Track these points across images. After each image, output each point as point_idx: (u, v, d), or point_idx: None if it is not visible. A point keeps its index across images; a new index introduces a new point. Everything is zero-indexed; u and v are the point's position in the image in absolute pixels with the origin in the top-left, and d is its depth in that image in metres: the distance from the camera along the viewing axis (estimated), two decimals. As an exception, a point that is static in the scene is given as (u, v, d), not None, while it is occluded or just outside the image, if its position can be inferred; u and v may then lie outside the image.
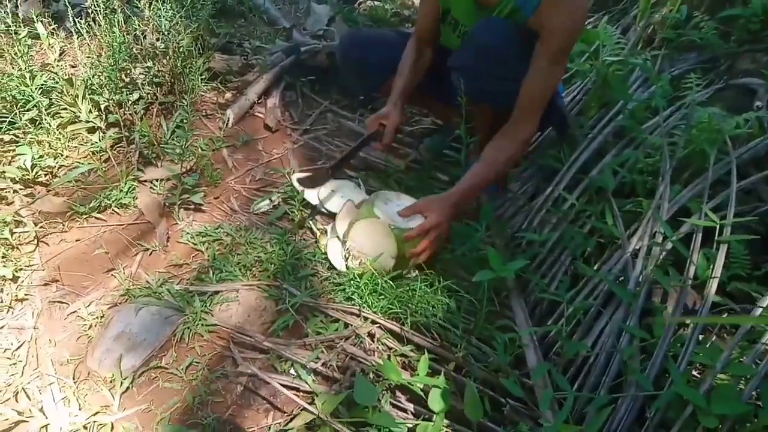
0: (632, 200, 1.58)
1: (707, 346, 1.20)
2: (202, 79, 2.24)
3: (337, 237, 1.58)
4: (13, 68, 1.90)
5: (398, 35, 1.96)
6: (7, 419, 1.17)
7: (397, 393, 1.25)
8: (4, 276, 1.44)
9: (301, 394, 1.23)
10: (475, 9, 1.57)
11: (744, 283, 1.40)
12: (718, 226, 1.32)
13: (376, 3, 3.52)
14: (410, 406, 1.21)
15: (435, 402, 1.15)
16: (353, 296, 1.44)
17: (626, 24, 2.46)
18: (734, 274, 1.42)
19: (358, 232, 1.49)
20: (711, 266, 1.28)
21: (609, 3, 2.69)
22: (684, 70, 2.10)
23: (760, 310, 1.16)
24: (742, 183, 1.46)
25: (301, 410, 1.19)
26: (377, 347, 1.34)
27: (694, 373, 1.23)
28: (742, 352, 1.15)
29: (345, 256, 1.51)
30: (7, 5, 1.84)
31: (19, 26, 1.90)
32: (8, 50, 1.93)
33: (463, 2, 1.59)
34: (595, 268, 1.46)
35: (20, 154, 1.74)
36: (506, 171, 1.69)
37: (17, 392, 1.23)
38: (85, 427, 1.17)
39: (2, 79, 1.85)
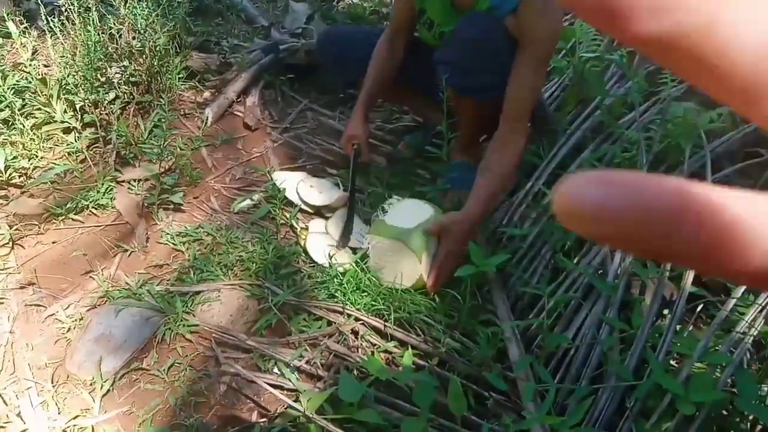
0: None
1: (684, 335, 1.23)
2: (179, 78, 2.21)
3: (325, 232, 1.58)
4: (-16, 68, 1.86)
5: (376, 31, 1.95)
6: (-17, 425, 1.15)
7: (382, 389, 1.25)
8: (-22, 280, 1.41)
9: (286, 392, 1.23)
10: (451, 10, 1.58)
11: (719, 273, 1.42)
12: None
13: (354, 1, 3.51)
14: (395, 402, 1.21)
15: (419, 397, 1.15)
16: (336, 294, 1.44)
17: (602, 21, 2.48)
18: (710, 265, 1.44)
19: (376, 254, 1.48)
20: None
21: (585, 0, 2.72)
22: (659, 66, 2.13)
23: (734, 300, 1.19)
24: (716, 176, 1.49)
25: (285, 408, 1.19)
26: (361, 344, 1.34)
27: (672, 362, 1.25)
28: (718, 341, 1.17)
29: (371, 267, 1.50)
30: (-24, 3, 1.80)
31: (-10, 25, 1.86)
32: (-22, 49, 1.89)
33: (437, 3, 1.59)
34: (575, 261, 1.48)
35: (-7, 156, 1.71)
36: (512, 180, 1.70)
37: (-6, 398, 1.21)
38: (64, 431, 1.15)
39: (-27, 79, 1.81)
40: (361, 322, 1.38)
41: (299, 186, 1.75)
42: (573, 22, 2.50)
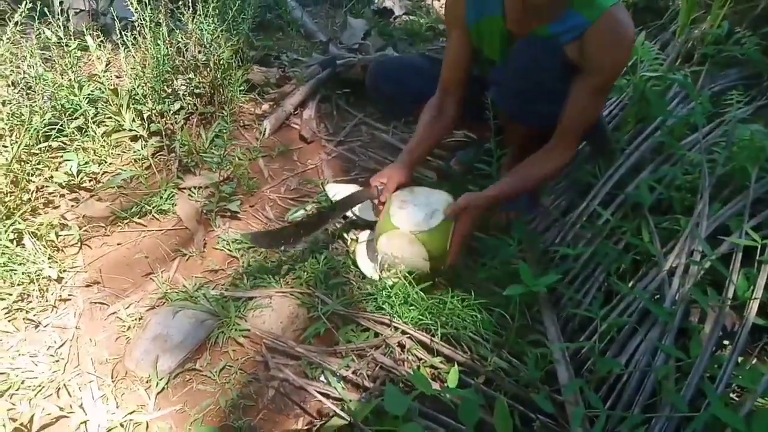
0: (669, 217, 1.55)
1: (747, 368, 1.17)
2: (240, 90, 2.29)
3: (370, 245, 1.60)
4: (63, 78, 1.98)
5: (427, 61, 1.90)
6: (49, 414, 1.21)
7: (427, 404, 1.25)
8: (49, 276, 1.50)
9: (332, 400, 1.24)
10: (508, 44, 1.53)
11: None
12: (759, 246, 1.29)
13: (411, 17, 3.55)
14: (440, 418, 1.21)
15: (465, 415, 1.15)
16: (384, 306, 1.45)
17: (665, 39, 2.43)
18: (776, 295, 1.38)
19: (384, 247, 1.49)
20: (751, 287, 1.25)
21: (647, 18, 2.66)
22: (725, 87, 2.07)
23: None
24: (784, 202, 1.42)
25: (331, 416, 1.20)
26: (407, 357, 1.35)
27: (733, 396, 1.20)
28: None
29: (380, 267, 1.52)
30: (59, 19, 1.93)
31: (70, 39, 1.98)
32: (59, 61, 2.02)
33: (496, 41, 1.54)
34: (630, 285, 1.44)
35: (67, 160, 1.82)
36: (535, 188, 1.68)
37: (59, 388, 1.27)
38: (121, 425, 1.20)
39: (53, 88, 1.93)
40: (408, 335, 1.38)
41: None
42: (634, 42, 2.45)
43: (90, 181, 1.87)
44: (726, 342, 1.26)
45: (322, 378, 1.30)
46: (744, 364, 1.21)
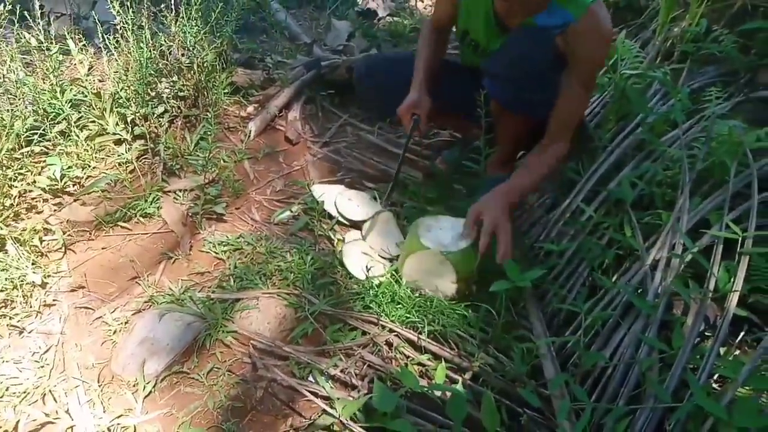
0: (651, 212, 1.58)
1: (729, 358, 1.19)
2: (225, 93, 2.29)
3: (356, 245, 1.60)
4: (44, 83, 1.96)
5: (414, 56, 1.92)
6: (35, 420, 1.20)
7: (415, 401, 1.25)
8: (33, 282, 1.49)
9: (320, 399, 1.24)
10: (495, 29, 1.59)
11: (766, 295, 1.38)
12: (740, 238, 1.31)
13: (395, 18, 3.57)
14: (427, 414, 1.22)
15: (453, 410, 1.15)
16: (371, 305, 1.46)
17: (645, 38, 2.46)
18: (756, 287, 1.40)
19: (412, 267, 1.48)
20: (732, 279, 1.27)
21: (628, 17, 2.70)
22: (704, 84, 2.10)
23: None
24: (763, 195, 1.45)
25: (320, 414, 1.20)
26: (395, 355, 1.35)
27: (715, 385, 1.22)
28: (764, 366, 1.14)
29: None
30: (40, 23, 1.91)
31: (51, 43, 1.96)
32: (40, 65, 2.00)
33: (481, 22, 1.61)
34: (614, 279, 1.46)
35: (50, 165, 1.80)
36: (542, 183, 1.69)
37: (44, 394, 1.26)
38: (109, 430, 1.20)
39: (35, 93, 1.92)
40: (396, 333, 1.39)
41: (337, 199, 1.78)
42: (615, 38, 2.48)
43: (74, 185, 1.85)
44: (708, 333, 1.28)
45: (310, 378, 1.30)
46: (726, 354, 1.23)
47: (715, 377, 1.20)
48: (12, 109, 1.84)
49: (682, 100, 1.78)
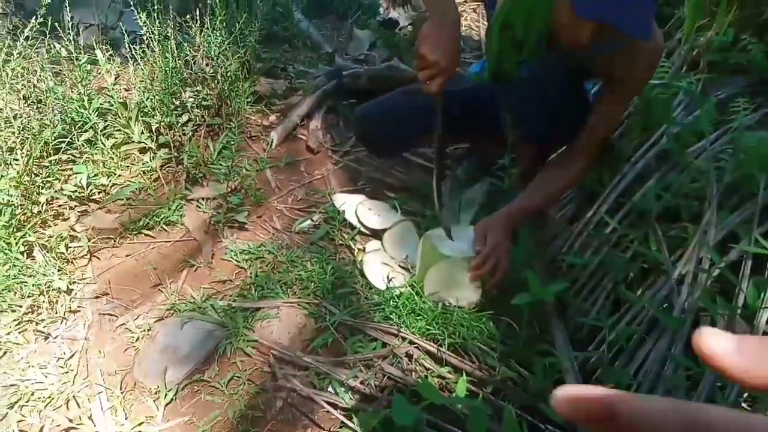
0: (677, 225, 1.55)
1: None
2: (247, 102, 2.31)
3: (377, 254, 1.60)
4: (72, 92, 2.01)
5: (407, 98, 1.78)
6: (59, 425, 1.22)
7: (435, 414, 1.24)
8: (59, 288, 1.51)
9: (340, 410, 1.24)
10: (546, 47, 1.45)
11: (796, 312, 1.34)
12: (768, 253, 1.28)
13: (415, 27, 3.57)
14: (448, 428, 1.21)
15: (473, 425, 1.14)
16: (391, 316, 1.45)
17: (671, 47, 2.43)
18: (786, 303, 1.37)
19: (433, 280, 1.47)
20: (762, 295, 1.24)
21: (652, 26, 2.66)
22: (731, 94, 2.06)
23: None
24: (793, 209, 1.41)
25: (339, 427, 1.20)
26: (415, 367, 1.35)
27: (744, 405, 1.19)
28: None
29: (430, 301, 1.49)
30: (69, 33, 1.96)
31: (80, 53, 2.01)
32: (69, 75, 2.04)
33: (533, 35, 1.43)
34: (638, 294, 1.43)
35: (76, 173, 1.83)
36: (558, 199, 1.66)
37: (68, 400, 1.28)
38: (130, 437, 1.21)
39: (63, 102, 1.96)
40: (416, 345, 1.38)
41: (358, 208, 1.78)
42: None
43: (99, 193, 1.88)
44: (736, 351, 1.25)
45: (330, 388, 1.30)
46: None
47: (745, 395, 1.17)
48: (41, 118, 1.89)
49: (708, 110, 1.75)
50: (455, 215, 1.74)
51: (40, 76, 1.97)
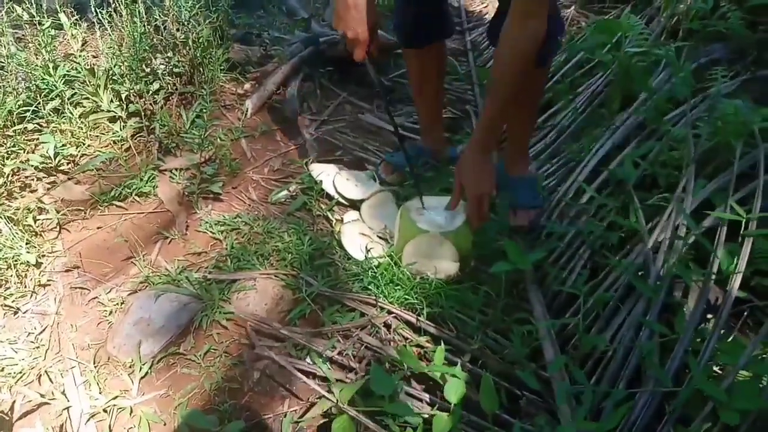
0: (654, 194, 1.55)
1: (729, 342, 1.18)
2: (221, 69, 2.25)
3: (355, 225, 1.58)
4: (36, 58, 1.92)
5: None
6: (30, 401, 1.20)
7: (413, 383, 1.25)
8: (27, 262, 1.47)
9: (318, 381, 1.24)
10: None
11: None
12: (744, 220, 1.29)
13: (395, -6, 3.49)
14: (426, 396, 1.21)
15: (451, 392, 1.15)
16: (370, 286, 1.44)
17: (650, 14, 2.41)
18: (758, 269, 1.38)
19: (411, 253, 1.46)
20: (735, 261, 1.25)
21: (633, -7, 2.64)
22: (709, 61, 2.06)
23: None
24: (768, 176, 1.42)
25: (318, 398, 1.20)
26: (393, 337, 1.34)
27: (716, 369, 1.21)
28: (766, 349, 1.12)
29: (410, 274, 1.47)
30: (31, -4, 1.87)
31: (43, 17, 1.92)
32: (32, 40, 1.96)
33: None
34: (615, 262, 1.44)
35: (43, 143, 1.77)
36: (518, 77, 1.33)
37: (40, 375, 1.26)
38: (105, 410, 1.19)
39: (27, 68, 1.88)
40: (394, 315, 1.38)
41: (336, 179, 1.75)
42: (619, 15, 2.43)
43: (68, 163, 1.82)
44: (709, 316, 1.27)
45: (308, 359, 1.29)
46: (726, 337, 1.22)
47: (717, 360, 1.19)
48: (4, 86, 1.81)
49: (686, 77, 1.74)
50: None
51: (0, 41, 1.88)
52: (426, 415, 1.15)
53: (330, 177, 1.77)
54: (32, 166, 1.74)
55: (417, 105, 1.92)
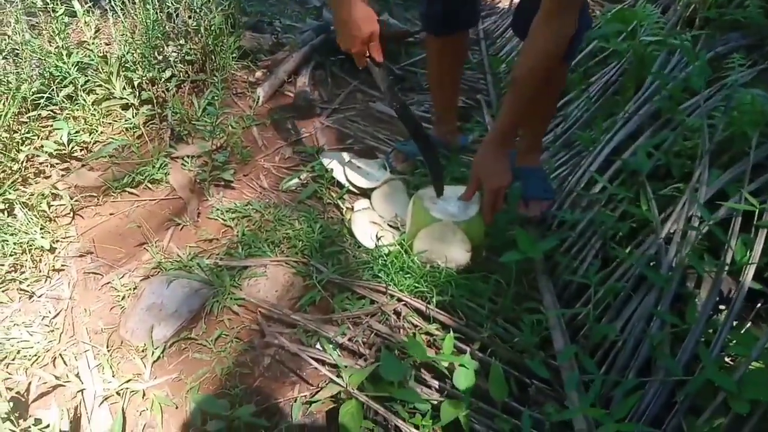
0: (668, 184, 1.54)
1: (742, 333, 1.17)
2: (233, 57, 2.25)
3: (365, 213, 1.58)
4: (50, 45, 1.94)
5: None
6: (45, 383, 1.21)
7: (422, 370, 1.25)
8: (42, 247, 1.49)
9: (328, 367, 1.24)
10: None
11: (782, 269, 1.35)
12: (757, 211, 1.27)
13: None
14: (435, 383, 1.22)
15: (460, 380, 1.15)
16: (380, 274, 1.45)
17: (666, 3, 2.38)
18: (772, 260, 1.37)
19: (423, 241, 1.46)
20: (749, 251, 1.24)
21: (648, -19, 2.60)
22: (726, 51, 2.03)
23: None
24: (784, 167, 1.40)
25: (327, 383, 1.20)
26: (403, 325, 1.35)
27: (727, 360, 1.20)
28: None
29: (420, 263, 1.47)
30: (45, -17, 1.87)
31: (57, 4, 1.93)
32: (46, 27, 1.97)
33: None
34: (627, 251, 1.43)
35: (57, 129, 1.79)
36: (543, 76, 1.32)
37: (55, 358, 1.28)
38: (118, 393, 1.21)
39: (41, 55, 1.89)
40: (404, 303, 1.38)
41: (346, 167, 1.75)
42: (635, 3, 2.40)
43: (81, 150, 1.84)
44: (722, 307, 1.26)
45: (317, 346, 1.30)
46: (738, 328, 1.21)
47: (728, 351, 1.18)
48: (18, 72, 1.82)
49: (702, 66, 1.72)
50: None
51: (14, 28, 1.89)
52: (435, 402, 1.16)
53: (341, 165, 1.77)
54: (46, 152, 1.75)
55: (433, 93, 1.91)
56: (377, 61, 1.47)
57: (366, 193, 1.73)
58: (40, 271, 1.46)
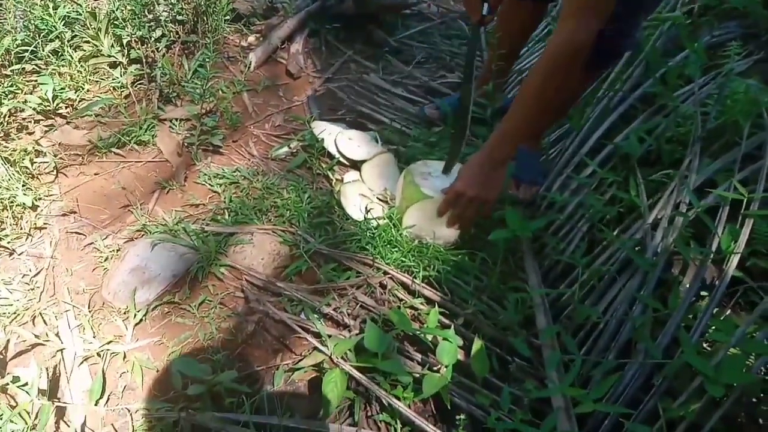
0: (658, 170, 1.54)
1: (722, 320, 1.19)
2: (225, 19, 2.19)
3: (355, 185, 1.57)
4: (36, -4, 1.87)
5: None
6: (24, 341, 1.20)
7: (405, 343, 1.26)
8: (23, 204, 1.46)
9: (312, 336, 1.24)
10: None
11: (764, 259, 1.37)
12: (745, 200, 1.28)
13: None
14: (418, 357, 1.22)
15: (443, 354, 1.16)
16: (367, 247, 1.44)
17: (667, -11, 2.35)
18: (755, 250, 1.39)
19: (414, 217, 1.45)
20: (734, 240, 1.25)
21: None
22: (724, 39, 2.02)
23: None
24: (774, 158, 1.41)
25: (311, 351, 1.21)
26: (388, 298, 1.35)
27: (706, 345, 1.22)
28: (757, 329, 1.13)
29: (408, 238, 1.47)
30: (31, -69, 1.80)
31: (43, -47, 1.86)
32: (32, -23, 1.90)
33: None
34: (614, 235, 1.44)
35: (42, 84, 1.73)
36: (548, 96, 1.29)
37: (35, 316, 1.26)
38: (98, 354, 1.20)
39: (26, 6, 1.82)
40: (390, 276, 1.38)
41: (338, 138, 1.73)
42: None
43: (66, 107, 1.79)
44: (704, 293, 1.28)
45: (302, 315, 1.30)
46: (719, 315, 1.23)
47: (707, 337, 1.20)
48: (1, 23, 1.76)
49: (697, 53, 1.71)
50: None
51: (-1, -24, 1.82)
52: (417, 375, 1.17)
53: (332, 136, 1.75)
54: (30, 107, 1.71)
55: (490, 61, 1.77)
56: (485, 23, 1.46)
57: (356, 165, 1.72)
58: (21, 228, 1.44)
